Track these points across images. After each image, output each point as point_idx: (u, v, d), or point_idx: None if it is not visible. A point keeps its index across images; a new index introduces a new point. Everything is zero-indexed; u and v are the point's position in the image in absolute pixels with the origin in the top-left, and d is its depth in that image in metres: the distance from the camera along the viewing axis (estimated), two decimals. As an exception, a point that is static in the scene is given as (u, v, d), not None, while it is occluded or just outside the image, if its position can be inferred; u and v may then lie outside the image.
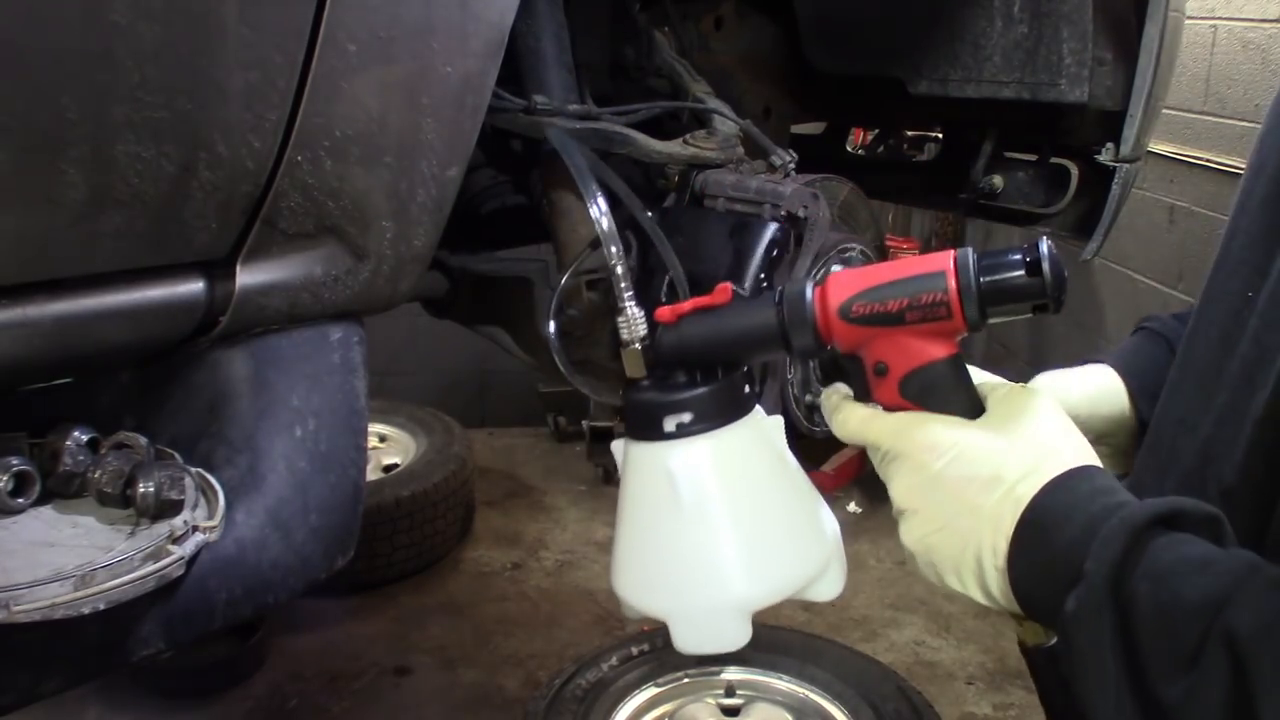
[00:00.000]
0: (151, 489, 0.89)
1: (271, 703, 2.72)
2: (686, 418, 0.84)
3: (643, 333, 0.90)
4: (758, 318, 0.83)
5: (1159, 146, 3.03)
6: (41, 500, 0.93)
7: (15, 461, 0.91)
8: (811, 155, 1.72)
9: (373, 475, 3.29)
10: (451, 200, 1.04)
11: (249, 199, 0.90)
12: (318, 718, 2.68)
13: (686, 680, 2.43)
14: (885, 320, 0.77)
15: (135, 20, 0.75)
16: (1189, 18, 2.13)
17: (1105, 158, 1.66)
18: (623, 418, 0.90)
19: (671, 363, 0.87)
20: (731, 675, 2.44)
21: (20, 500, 0.91)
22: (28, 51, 0.72)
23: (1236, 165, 2.81)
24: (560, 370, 1.21)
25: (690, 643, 0.85)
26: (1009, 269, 0.75)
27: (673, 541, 0.85)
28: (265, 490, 1.00)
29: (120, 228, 0.83)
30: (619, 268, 0.96)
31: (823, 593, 0.88)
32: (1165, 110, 2.12)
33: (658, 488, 0.85)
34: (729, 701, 2.42)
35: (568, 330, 1.36)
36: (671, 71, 1.56)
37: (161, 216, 0.85)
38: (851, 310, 0.78)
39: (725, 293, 0.85)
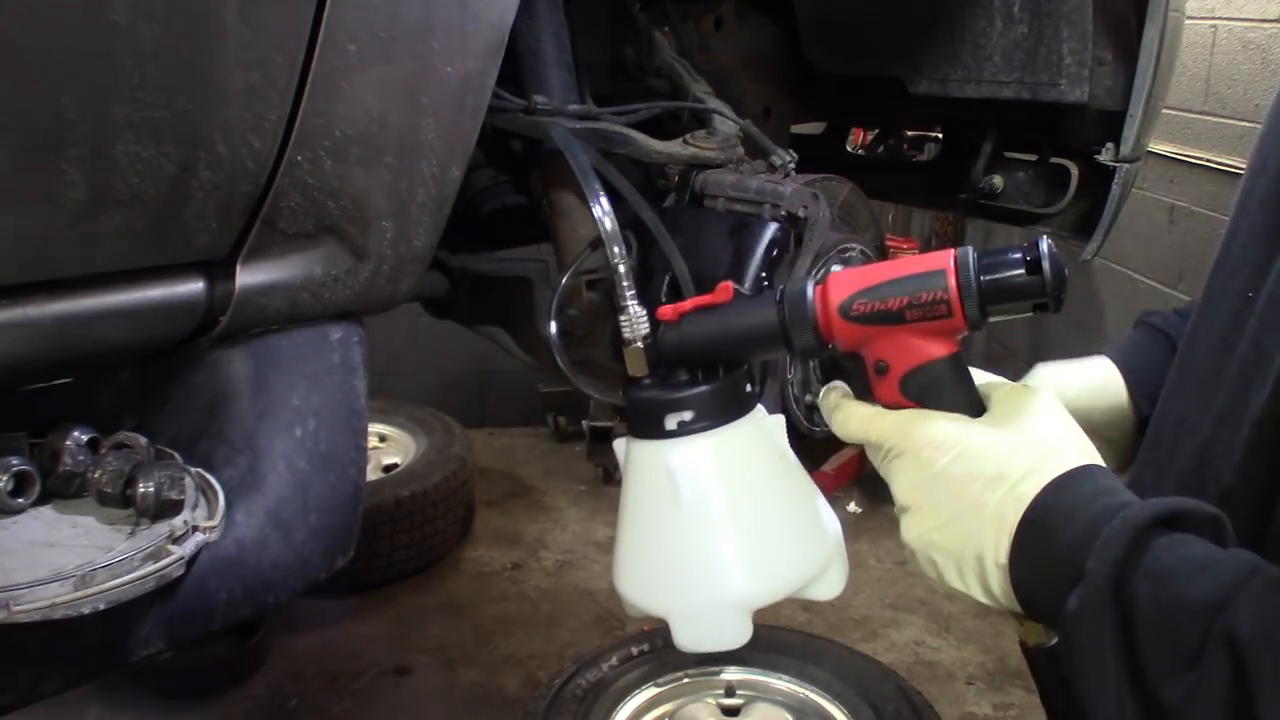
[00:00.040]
0: (151, 489, 0.89)
1: (271, 703, 2.72)
2: (688, 416, 0.84)
3: (645, 331, 0.90)
4: (759, 316, 0.83)
5: (1159, 146, 3.03)
6: (41, 500, 0.93)
7: (15, 461, 0.91)
8: (811, 155, 1.72)
9: (373, 475, 3.29)
10: (451, 200, 1.04)
11: (249, 199, 0.90)
12: (318, 718, 2.68)
13: (686, 680, 2.43)
14: (886, 319, 0.77)
15: (135, 20, 0.75)
16: (1189, 18, 2.13)
17: (1105, 158, 1.66)
18: (623, 417, 0.90)
19: (673, 361, 0.87)
20: (731, 675, 2.44)
21: (20, 500, 0.91)
22: (28, 51, 0.72)
23: (1236, 165, 2.81)
24: (561, 370, 1.21)
25: (691, 641, 0.85)
26: (1009, 268, 0.75)
27: (673, 539, 0.85)
28: (265, 490, 1.00)
29: (120, 228, 0.83)
30: (621, 267, 0.97)
31: (823, 592, 0.88)
32: (1165, 110, 2.12)
33: (659, 486, 0.85)
34: (729, 701, 2.42)
35: (568, 330, 1.36)
36: (671, 71, 1.56)
37: (161, 216, 0.85)
38: (852, 309, 0.78)
39: (727, 291, 0.85)
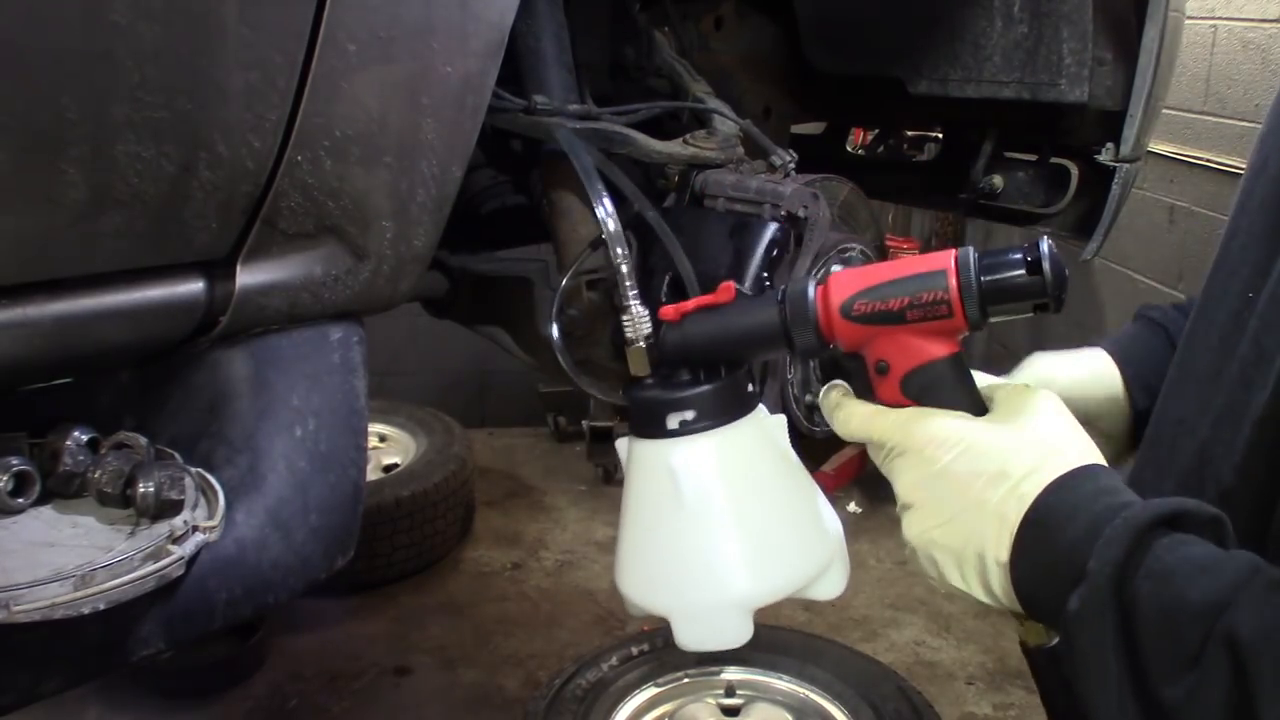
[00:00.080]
0: (151, 489, 0.89)
1: (271, 703, 2.72)
2: (690, 415, 0.84)
3: (647, 331, 0.90)
4: (760, 316, 0.83)
5: (1159, 146, 3.03)
6: (41, 500, 0.93)
7: (15, 461, 0.91)
8: (811, 155, 1.72)
9: (373, 475, 3.29)
10: (451, 200, 1.04)
11: (249, 199, 0.90)
12: (318, 718, 2.68)
13: (686, 680, 2.43)
14: (887, 319, 0.78)
15: (135, 20, 0.75)
16: (1189, 18, 2.13)
17: (1105, 158, 1.66)
18: (623, 417, 0.90)
19: (675, 361, 0.87)
20: (731, 675, 2.44)
21: (20, 500, 0.91)
22: (28, 51, 0.72)
23: (1236, 165, 2.81)
24: (561, 370, 1.21)
25: (691, 639, 0.85)
26: (1010, 268, 0.75)
27: (675, 538, 0.85)
28: (265, 490, 0.99)
29: (120, 228, 0.83)
30: (624, 267, 0.97)
31: (824, 592, 0.88)
32: (1165, 110, 2.12)
33: (660, 485, 0.85)
34: (729, 701, 2.42)
35: (568, 330, 1.36)
36: (671, 71, 1.56)
37: (161, 216, 0.85)
38: (853, 309, 0.79)
39: (728, 291, 0.85)
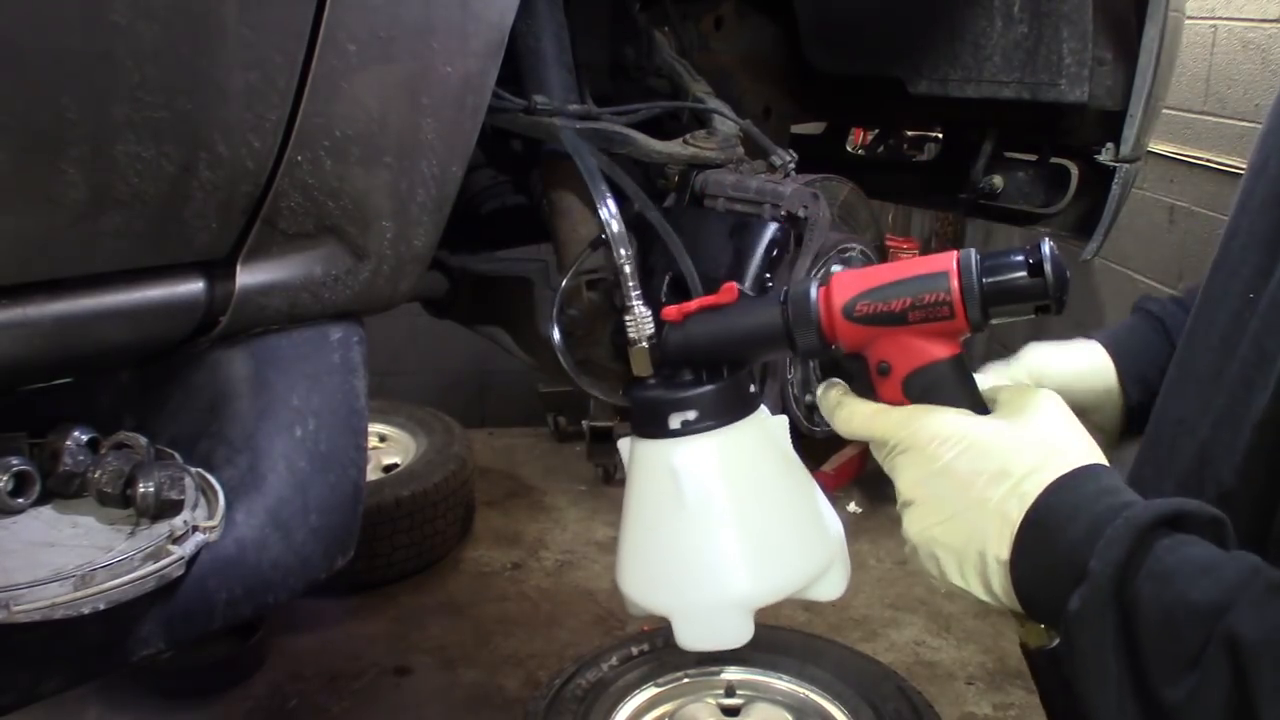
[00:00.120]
0: (151, 489, 0.89)
1: (271, 703, 2.72)
2: (691, 415, 0.84)
3: (650, 331, 0.90)
4: (763, 317, 0.83)
5: (1159, 146, 3.03)
6: (41, 500, 0.93)
7: (15, 461, 0.91)
8: (811, 155, 1.72)
9: (373, 475, 3.29)
10: (451, 200, 1.03)
11: (249, 199, 0.90)
12: (318, 718, 2.68)
13: (686, 680, 2.43)
14: (888, 320, 0.78)
15: (135, 20, 0.75)
16: (1189, 18, 2.13)
17: (1105, 158, 1.66)
18: (623, 417, 0.90)
19: (678, 361, 0.87)
20: (731, 675, 2.44)
21: (20, 500, 0.91)
22: (28, 51, 0.72)
23: (1236, 165, 2.81)
24: (561, 370, 1.21)
25: (692, 639, 0.85)
26: (1011, 270, 0.75)
27: (676, 538, 0.85)
28: (265, 490, 0.99)
29: (120, 228, 0.83)
30: (627, 267, 0.97)
31: (825, 592, 0.88)
32: (1165, 110, 2.12)
33: (662, 484, 0.85)
34: (729, 701, 2.42)
35: (568, 330, 1.36)
36: (671, 71, 1.56)
37: (161, 216, 0.85)
38: (855, 310, 0.79)
39: (731, 292, 0.85)
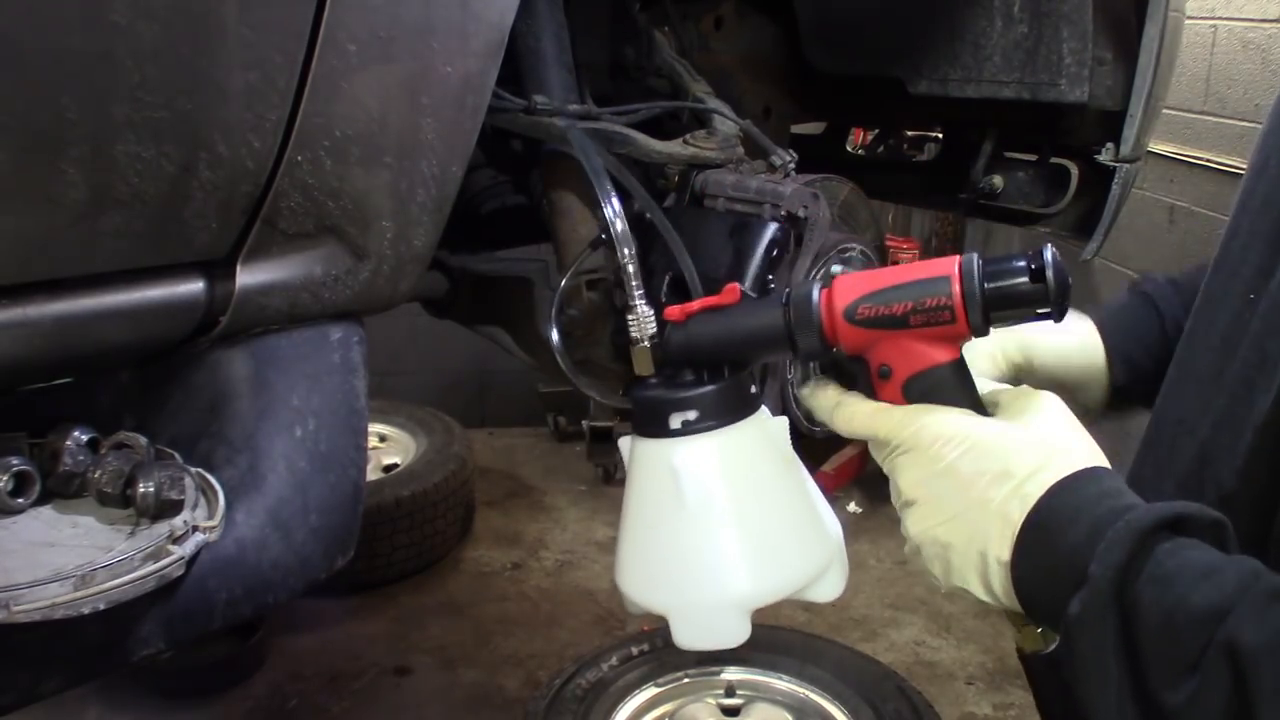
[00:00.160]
0: (151, 489, 0.89)
1: (271, 703, 2.72)
2: (692, 415, 0.84)
3: (652, 331, 0.90)
4: (765, 318, 0.83)
5: (1159, 146, 3.03)
6: (41, 500, 0.93)
7: (15, 461, 0.91)
8: (811, 155, 1.72)
9: (373, 475, 3.29)
10: (451, 200, 1.03)
11: (249, 199, 0.90)
12: (318, 718, 2.68)
13: (686, 680, 2.43)
14: (890, 323, 0.78)
15: (135, 20, 0.75)
16: (1189, 18, 2.13)
17: (1105, 158, 1.66)
18: (623, 417, 0.91)
19: (679, 361, 0.87)
20: (731, 675, 2.44)
21: (20, 500, 0.91)
22: (28, 51, 0.72)
23: (1236, 165, 2.81)
24: (561, 370, 1.21)
25: (690, 639, 0.86)
26: (1013, 275, 0.75)
27: (675, 538, 0.85)
28: (265, 490, 0.99)
29: (120, 228, 0.83)
30: (631, 268, 0.97)
31: (824, 593, 0.88)
32: (1165, 110, 2.12)
33: (662, 484, 0.85)
34: (729, 701, 2.42)
35: (568, 330, 1.36)
36: (671, 71, 1.56)
37: (162, 216, 0.85)
38: (857, 313, 0.79)
39: (733, 293, 0.85)
